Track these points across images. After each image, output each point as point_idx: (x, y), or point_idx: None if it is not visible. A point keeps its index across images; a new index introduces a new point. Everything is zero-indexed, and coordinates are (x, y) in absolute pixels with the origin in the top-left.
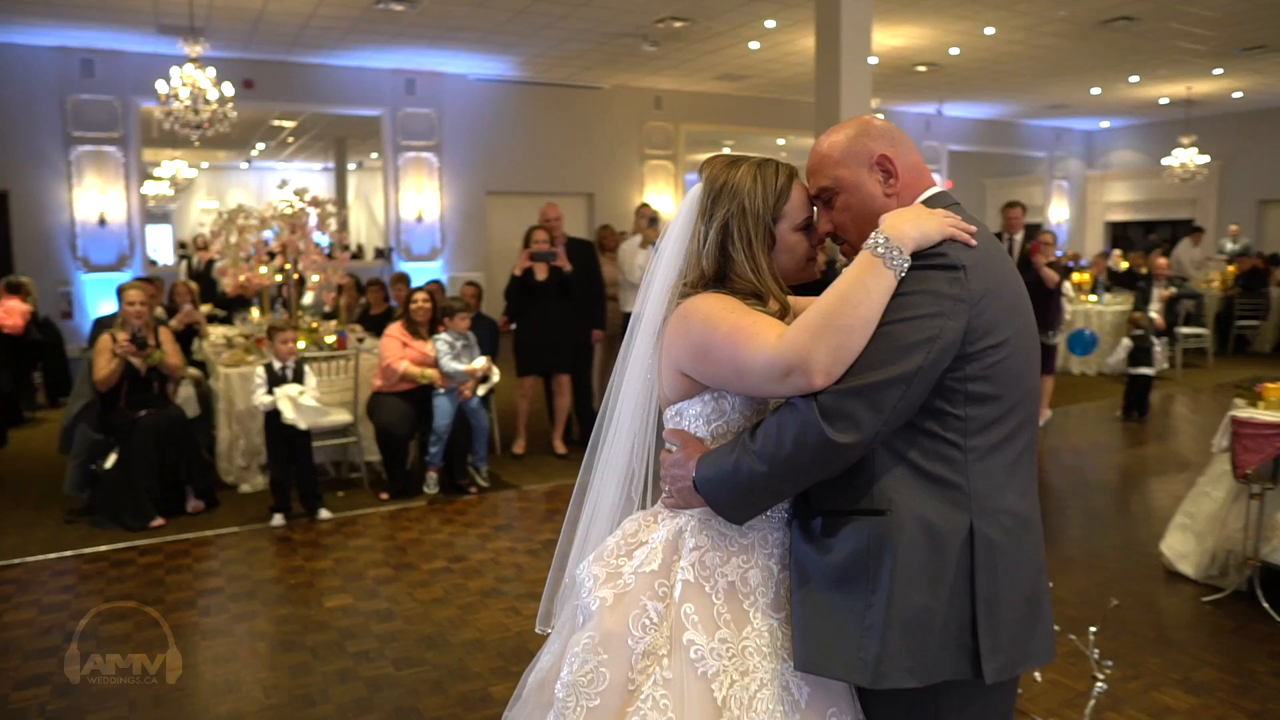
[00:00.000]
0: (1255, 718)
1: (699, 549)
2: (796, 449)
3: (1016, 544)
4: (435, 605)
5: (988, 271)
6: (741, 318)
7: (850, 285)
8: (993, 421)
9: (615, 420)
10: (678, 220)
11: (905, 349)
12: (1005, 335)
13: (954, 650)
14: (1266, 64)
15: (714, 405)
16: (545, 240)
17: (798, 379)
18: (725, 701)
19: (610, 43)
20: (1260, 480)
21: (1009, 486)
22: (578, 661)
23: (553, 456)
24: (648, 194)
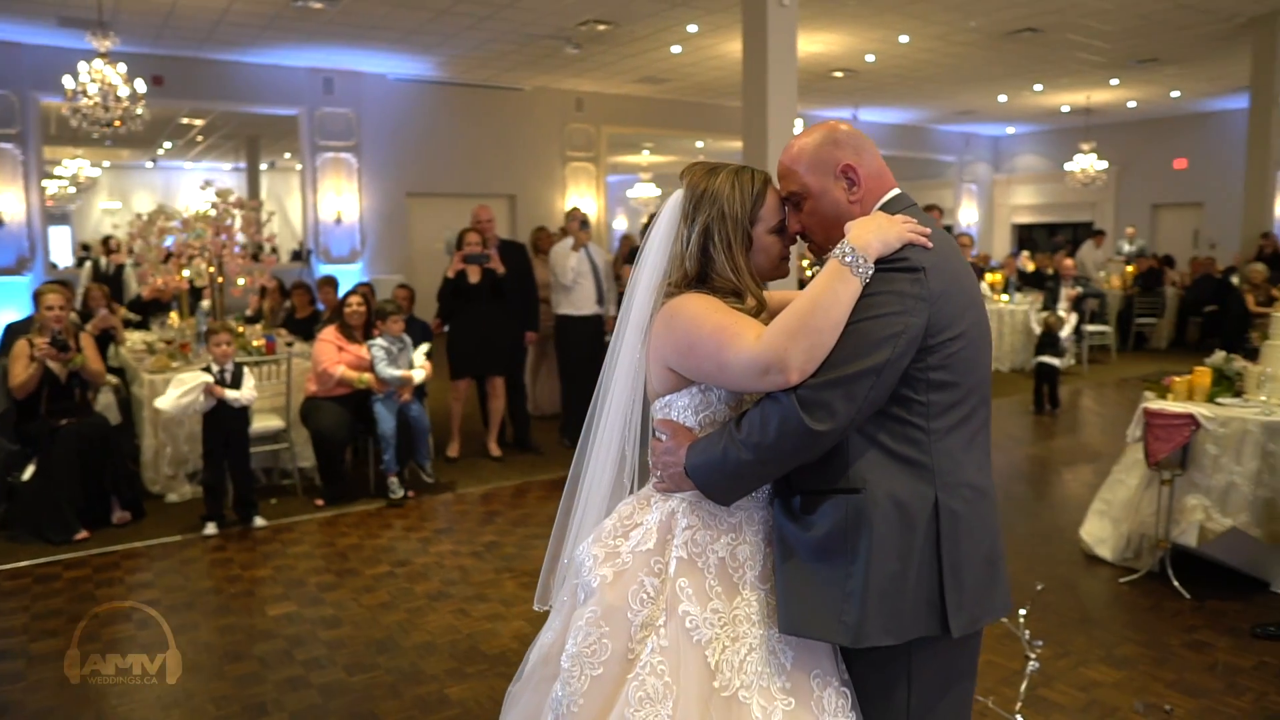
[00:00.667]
0: (1173, 686)
1: (691, 528)
2: (779, 437)
3: (976, 513)
4: (382, 610)
5: (944, 272)
6: (723, 318)
7: (821, 291)
8: (952, 405)
9: (606, 411)
10: (660, 224)
11: (874, 344)
12: (961, 328)
13: (925, 610)
14: (1158, 76)
15: (701, 397)
16: (478, 242)
17: (775, 376)
18: (718, 665)
19: (533, 44)
20: (1170, 467)
21: (968, 462)
22: (581, 635)
23: (487, 459)
24: (570, 196)
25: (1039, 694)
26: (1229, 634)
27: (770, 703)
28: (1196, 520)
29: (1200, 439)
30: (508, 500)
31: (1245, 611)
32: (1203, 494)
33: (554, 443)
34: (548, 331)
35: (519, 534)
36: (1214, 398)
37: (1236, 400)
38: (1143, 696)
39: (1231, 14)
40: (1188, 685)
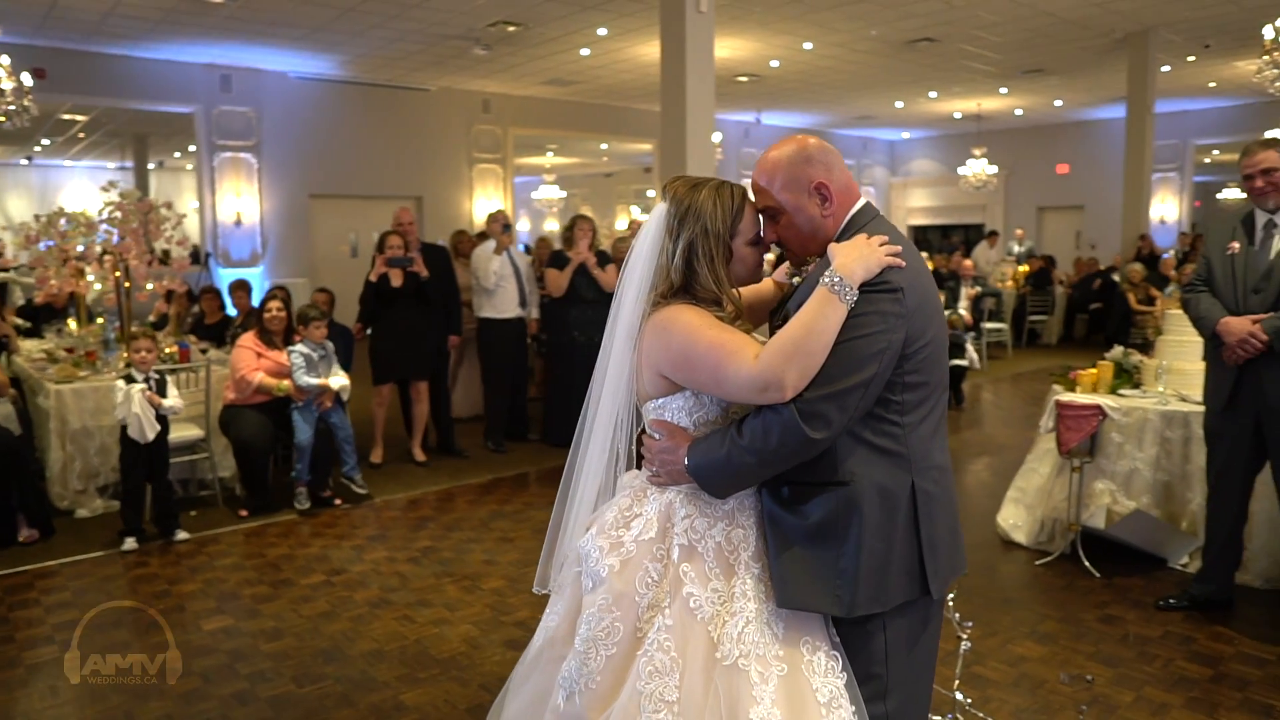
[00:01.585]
0: (1092, 658)
1: (689, 517)
2: (781, 445)
3: (943, 490)
4: (324, 619)
5: (917, 288)
6: (719, 334)
7: (814, 317)
8: (922, 401)
9: (597, 410)
10: (646, 236)
11: (863, 360)
12: (930, 335)
13: (906, 578)
14: (1043, 85)
15: (695, 400)
16: (400, 245)
17: (773, 393)
18: (719, 638)
19: (440, 45)
20: (1080, 455)
21: (934, 447)
22: (594, 620)
23: (412, 464)
24: (477, 198)
25: (973, 671)
26: (1136, 608)
27: (766, 669)
28: (1104, 504)
29: (1106, 428)
30: (437, 505)
31: (1148, 586)
32: (1109, 479)
33: (478, 446)
34: (469, 335)
35: (454, 538)
36: (1116, 389)
37: (1136, 391)
38: (1066, 668)
39: (1109, 30)
40: (1105, 656)
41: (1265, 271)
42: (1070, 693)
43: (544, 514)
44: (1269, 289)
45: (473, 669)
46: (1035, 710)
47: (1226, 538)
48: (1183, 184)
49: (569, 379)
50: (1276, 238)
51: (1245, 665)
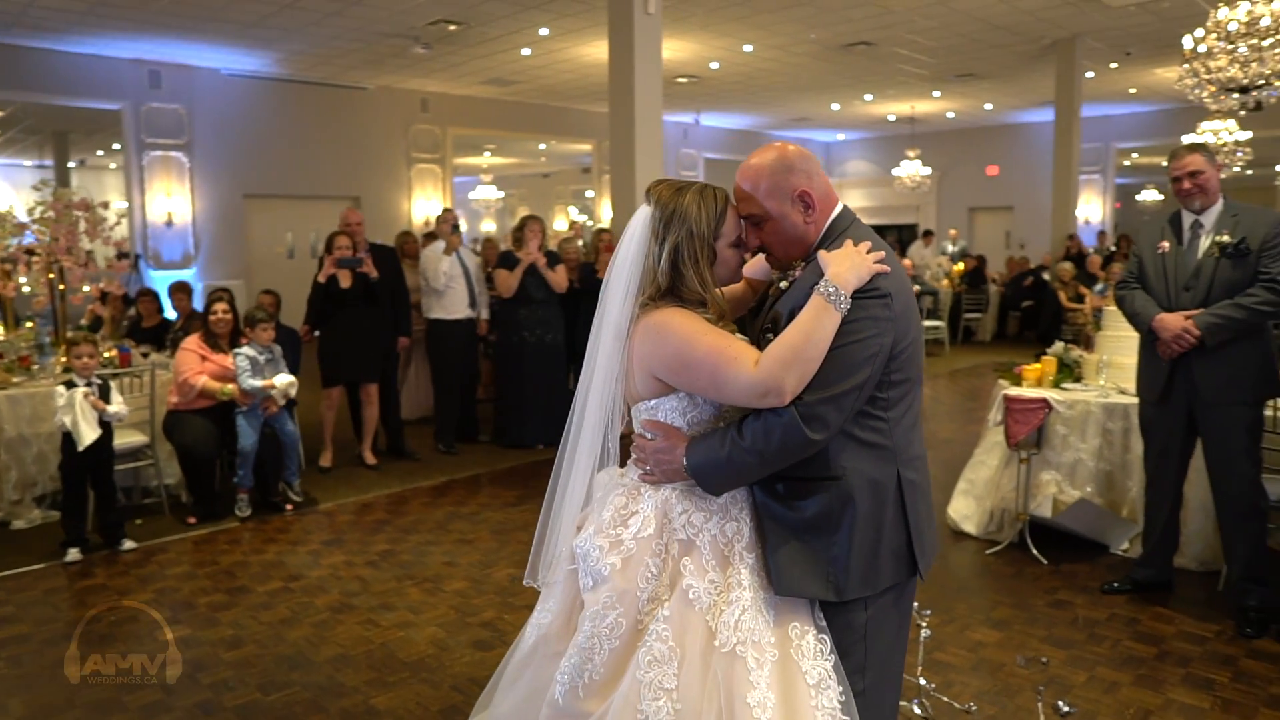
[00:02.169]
0: (1045, 641)
1: (686, 512)
2: (782, 446)
3: (923, 478)
4: (285, 626)
5: (902, 292)
6: (716, 339)
7: (811, 325)
8: (904, 396)
9: (585, 410)
10: (632, 240)
11: (858, 364)
12: (912, 335)
13: (893, 562)
14: (974, 90)
15: (689, 400)
16: (348, 246)
17: (773, 399)
18: (717, 627)
19: (379, 43)
20: (1027, 447)
21: (914, 438)
22: (598, 617)
23: (363, 468)
24: (416, 198)
25: (934, 657)
26: (1083, 592)
27: (761, 654)
28: (1050, 494)
29: (1051, 421)
30: (391, 508)
31: (1093, 572)
32: (1054, 470)
33: (429, 448)
34: (417, 336)
35: (412, 541)
36: (1059, 383)
37: (1078, 385)
38: (1022, 651)
39: (1038, 36)
40: (1057, 639)
41: (1194, 270)
42: (1027, 675)
43: (500, 515)
44: (1198, 286)
45: (442, 671)
46: (996, 692)
47: (1164, 524)
48: (1106, 186)
49: (520, 380)
50: (1203, 237)
51: (1186, 643)
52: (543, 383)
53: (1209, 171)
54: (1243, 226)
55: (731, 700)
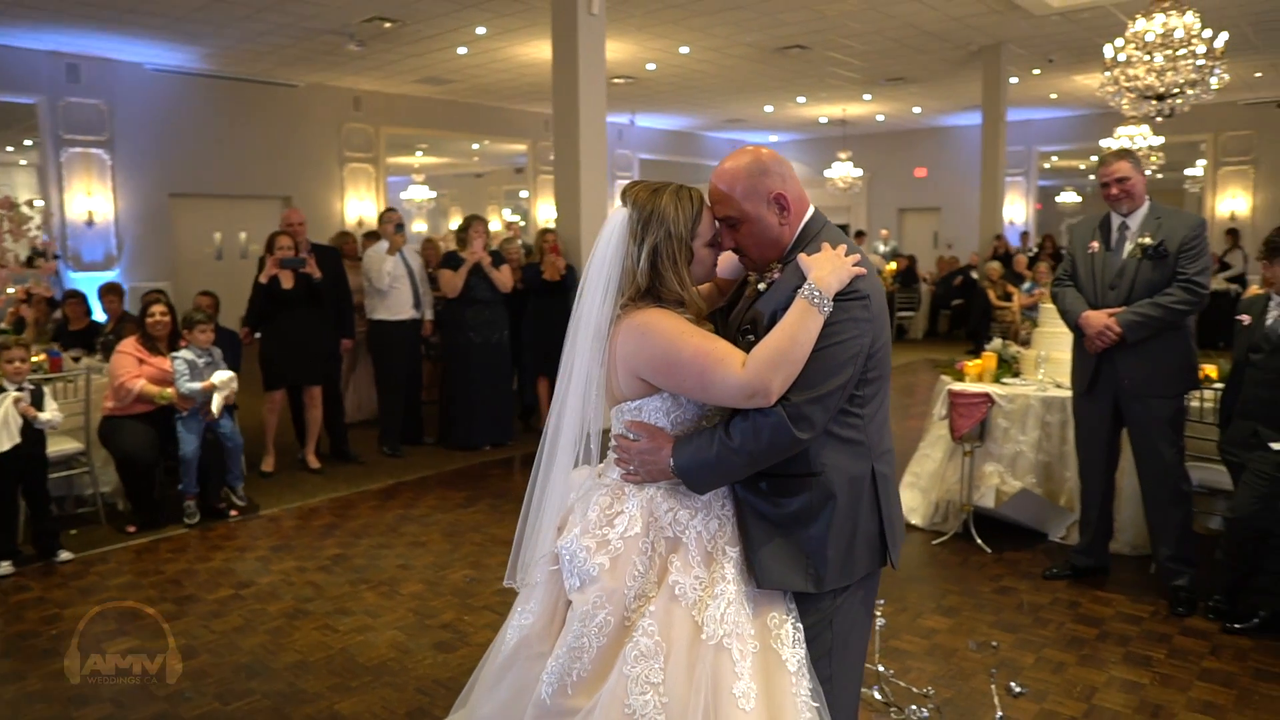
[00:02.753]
0: (994, 626)
1: (672, 510)
2: (770, 445)
3: (893, 471)
4: (239, 634)
5: (877, 293)
6: (702, 341)
7: (796, 328)
8: (877, 393)
9: (563, 412)
10: (609, 242)
11: (841, 365)
12: (886, 335)
13: (868, 552)
14: (904, 93)
15: (673, 401)
16: (290, 246)
17: (759, 400)
18: (703, 621)
19: (311, 39)
20: (971, 440)
21: (885, 433)
22: (588, 617)
23: (306, 472)
24: (349, 198)
25: (890, 645)
26: (1026, 579)
27: (744, 645)
28: (993, 485)
29: (994, 414)
30: (339, 512)
31: (1035, 559)
32: (997, 461)
33: (373, 451)
34: (358, 337)
35: (364, 545)
36: (999, 378)
37: (1017, 380)
38: (973, 636)
39: (966, 42)
40: (1005, 623)
41: (1119, 270)
42: (979, 658)
43: (451, 517)
44: (1122, 285)
45: (405, 674)
46: (951, 676)
47: (1099, 512)
48: (1028, 188)
49: (466, 381)
50: (1128, 240)
51: (1124, 624)
52: (489, 384)
53: (1135, 177)
54: (1165, 229)
55: (717, 691)
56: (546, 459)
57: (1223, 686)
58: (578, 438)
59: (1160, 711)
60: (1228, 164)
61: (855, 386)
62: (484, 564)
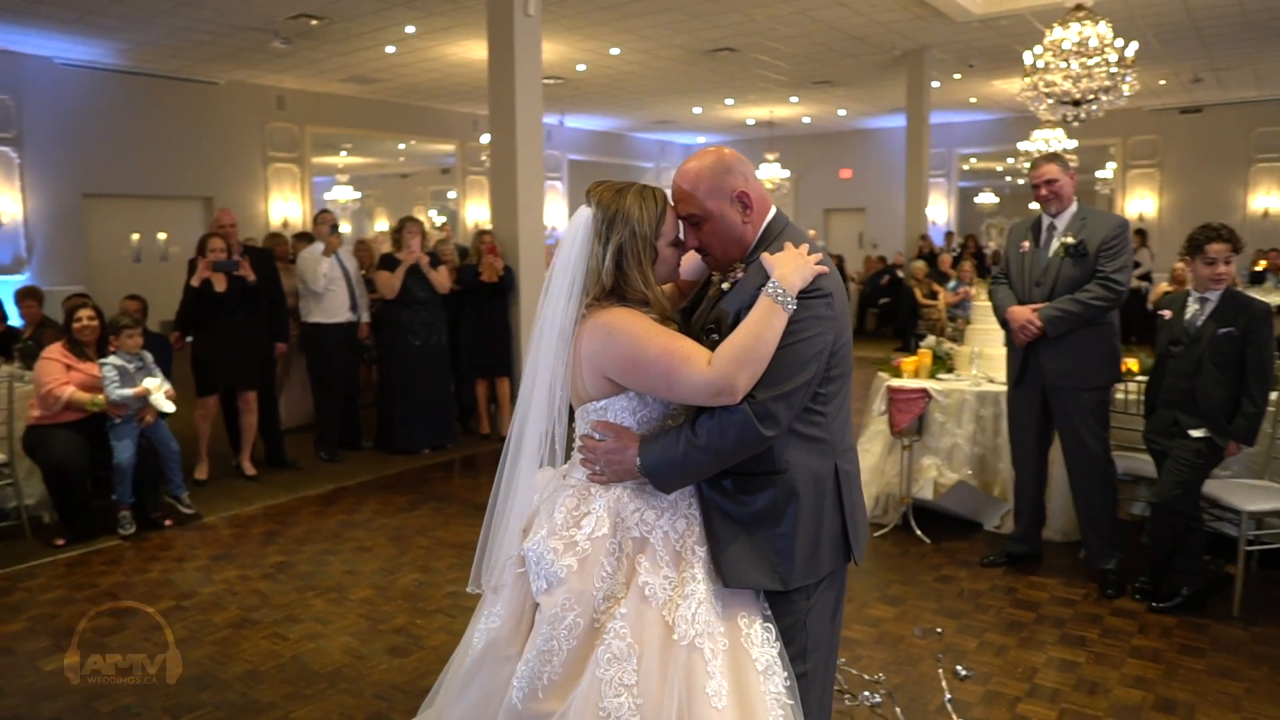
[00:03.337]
0: (937, 613)
1: (639, 510)
2: (737, 443)
3: (855, 468)
4: (184, 646)
5: (839, 291)
6: (668, 340)
7: (761, 326)
8: (839, 391)
9: (528, 413)
10: (574, 242)
11: (805, 362)
12: (848, 333)
13: (833, 549)
14: (830, 96)
15: (639, 400)
16: (223, 249)
17: (725, 398)
18: (674, 621)
19: (234, 36)
20: (909, 435)
21: (847, 431)
22: (557, 620)
23: (242, 479)
24: (273, 199)
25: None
26: (965, 567)
27: (715, 644)
28: (931, 477)
29: (931, 409)
30: (280, 519)
31: (972, 548)
32: (934, 455)
33: (310, 457)
34: (292, 341)
35: (308, 551)
36: (934, 374)
37: (952, 375)
38: (918, 623)
39: (890, 47)
40: (947, 610)
41: (1045, 267)
42: (925, 644)
43: (396, 521)
44: (1046, 282)
45: (361, 680)
46: (900, 662)
47: (1032, 501)
48: (950, 189)
49: (405, 384)
50: (1055, 239)
51: (1059, 607)
52: (428, 386)
53: (1063, 179)
54: (1088, 229)
55: (691, 691)
56: (511, 460)
57: (1151, 662)
58: (542, 438)
59: (1096, 688)
60: (1135, 167)
61: (819, 384)
62: (433, 567)
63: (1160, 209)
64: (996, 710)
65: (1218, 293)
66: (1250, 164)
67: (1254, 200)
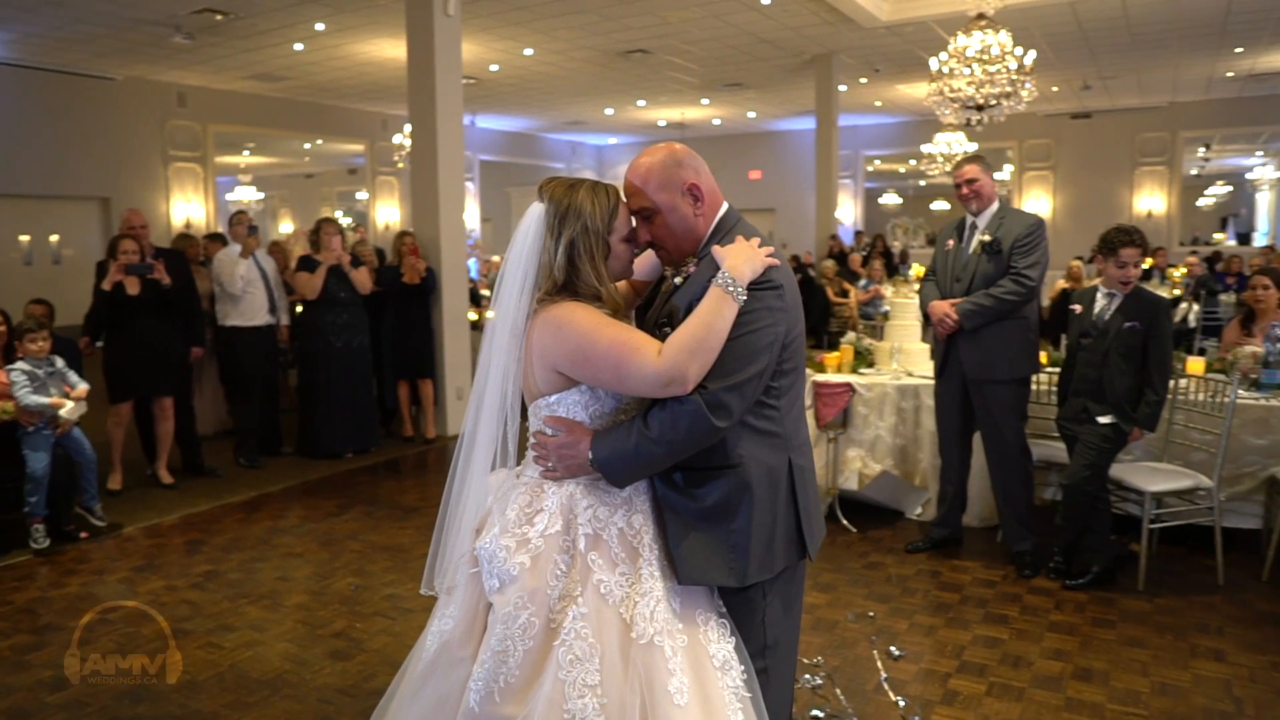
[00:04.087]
0: (868, 598)
1: (591, 507)
2: (690, 435)
3: (810, 463)
4: (115, 659)
5: (790, 284)
6: (618, 331)
7: (712, 316)
8: (791, 385)
9: (480, 410)
10: (526, 237)
11: (757, 352)
12: (799, 327)
13: (788, 545)
14: (740, 98)
15: (590, 394)
16: (135, 251)
17: (676, 388)
18: (632, 619)
19: (133, 30)
20: (835, 428)
21: (801, 425)
22: (510, 619)
23: (158, 488)
24: (175, 200)
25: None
26: (891, 554)
27: (675, 641)
28: (856, 469)
29: (855, 403)
30: (204, 527)
31: (896, 535)
32: (858, 447)
33: (229, 463)
34: (208, 345)
35: (236, 559)
36: (856, 369)
37: (873, 370)
38: (850, 609)
39: (799, 51)
40: (877, 595)
41: (965, 264)
42: (859, 628)
43: (325, 526)
44: (966, 278)
45: (304, 685)
46: (836, 646)
47: (955, 488)
48: (856, 190)
49: (329, 387)
50: (975, 237)
51: (981, 588)
52: (350, 389)
53: (983, 180)
54: (1005, 228)
55: (653, 689)
56: (464, 458)
57: (1068, 635)
58: (496, 434)
59: (1020, 661)
60: (1031, 169)
61: (771, 378)
62: (368, 571)
63: (1054, 209)
64: (930, 686)
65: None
66: (1135, 167)
67: (1139, 201)
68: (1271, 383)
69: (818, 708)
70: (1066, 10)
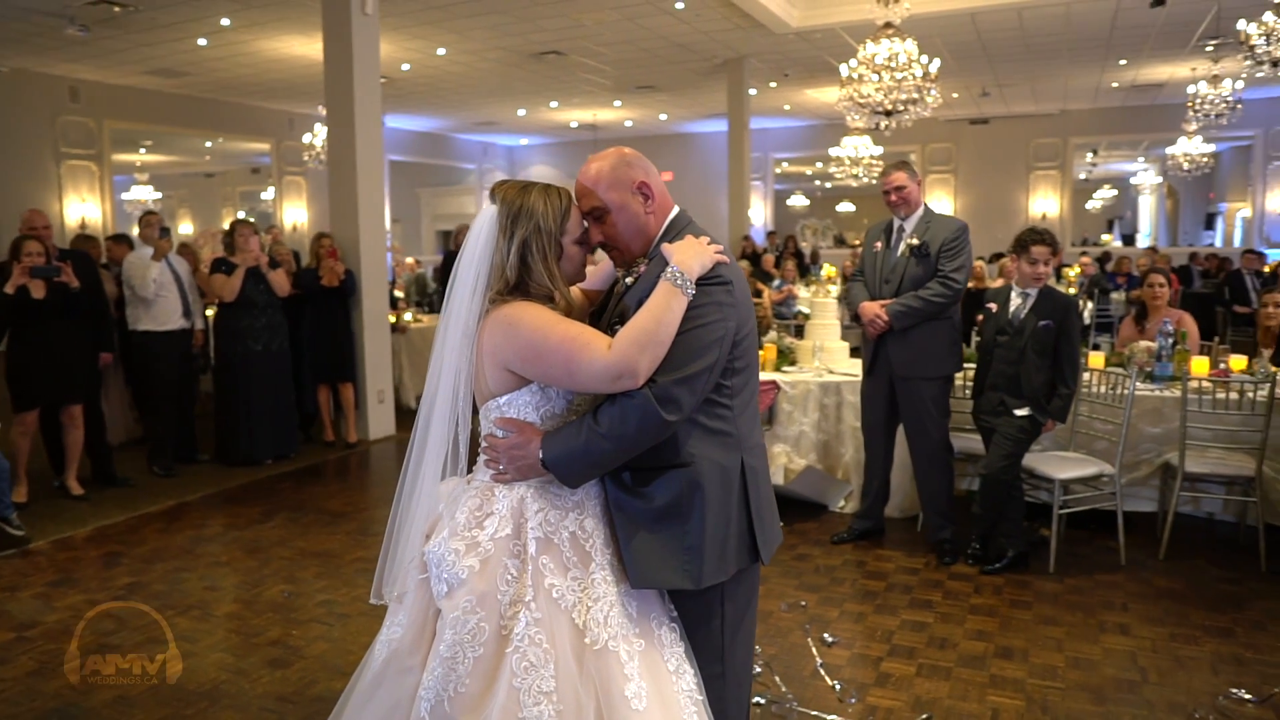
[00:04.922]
0: (799, 588)
1: (542, 510)
2: (639, 430)
3: (763, 465)
4: (36, 679)
5: (739, 281)
6: (568, 328)
7: (661, 309)
8: (745, 384)
9: (431, 411)
10: (480, 237)
11: (707, 347)
12: (750, 325)
13: (740, 548)
14: (652, 101)
15: (541, 394)
16: (40, 253)
17: (626, 382)
18: (585, 624)
19: (21, 20)
20: (761, 424)
21: (755, 426)
22: (459, 624)
23: (69, 499)
24: (69, 199)
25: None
26: (818, 545)
27: (630, 646)
28: (782, 464)
29: (780, 399)
30: (121, 539)
31: (821, 527)
32: (784, 442)
33: (142, 472)
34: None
35: (159, 570)
36: (779, 367)
37: (795, 368)
38: (783, 599)
39: (711, 55)
40: (807, 585)
41: (894, 266)
42: (792, 617)
43: (251, 534)
44: (895, 280)
45: (244, 695)
46: (772, 635)
47: (880, 482)
48: (766, 191)
49: (247, 392)
50: (903, 241)
51: (905, 576)
52: (270, 394)
53: (910, 186)
54: (931, 232)
55: (609, 695)
56: (414, 462)
57: (988, 617)
58: (447, 436)
59: (945, 643)
60: (933, 172)
61: (723, 376)
62: (299, 577)
63: (956, 211)
64: (863, 670)
65: (1037, 289)
66: (1030, 171)
67: (1034, 204)
68: (1164, 375)
69: (758, 695)
70: (967, 20)
